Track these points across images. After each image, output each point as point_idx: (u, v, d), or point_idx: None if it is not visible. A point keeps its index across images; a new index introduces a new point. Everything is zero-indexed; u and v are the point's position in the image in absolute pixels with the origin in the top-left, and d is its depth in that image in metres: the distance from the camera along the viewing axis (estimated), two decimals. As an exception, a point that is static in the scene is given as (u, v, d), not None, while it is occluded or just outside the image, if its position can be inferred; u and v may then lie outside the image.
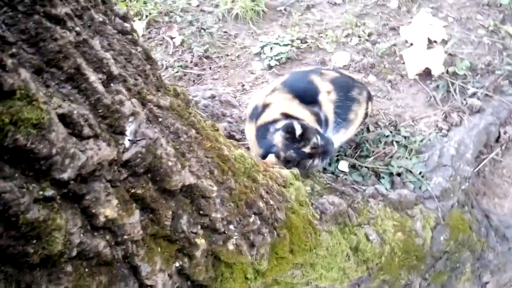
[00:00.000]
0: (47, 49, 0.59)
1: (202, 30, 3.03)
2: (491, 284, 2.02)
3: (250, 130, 1.88)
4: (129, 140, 0.76)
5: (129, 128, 0.76)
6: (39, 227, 0.57)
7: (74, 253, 0.66)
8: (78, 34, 0.68)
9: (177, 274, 1.00)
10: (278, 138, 1.61)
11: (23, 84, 0.54)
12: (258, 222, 1.28)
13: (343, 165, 2.11)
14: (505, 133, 2.36)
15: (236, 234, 1.21)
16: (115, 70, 0.74)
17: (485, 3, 3.04)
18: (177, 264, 0.98)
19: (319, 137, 1.62)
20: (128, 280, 0.82)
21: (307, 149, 1.59)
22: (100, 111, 0.70)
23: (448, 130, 2.32)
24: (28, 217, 0.54)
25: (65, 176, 0.58)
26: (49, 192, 0.57)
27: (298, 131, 1.55)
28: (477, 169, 2.23)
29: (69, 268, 0.66)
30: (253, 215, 1.28)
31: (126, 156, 0.74)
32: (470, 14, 2.99)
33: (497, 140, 2.37)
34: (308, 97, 1.88)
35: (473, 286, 1.98)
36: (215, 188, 1.07)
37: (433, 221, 1.90)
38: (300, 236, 1.53)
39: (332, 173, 2.08)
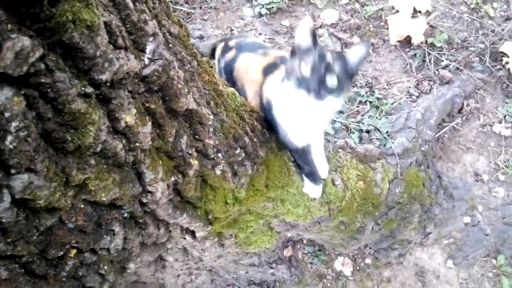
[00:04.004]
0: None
1: (196, -32, 2.96)
2: (433, 235, 2.30)
3: None
4: (148, 58, 0.84)
5: (149, 47, 0.83)
6: (79, 118, 0.66)
7: (98, 149, 0.76)
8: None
9: (171, 188, 1.12)
10: None
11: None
12: (243, 155, 1.41)
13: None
14: (467, 105, 2.57)
15: (223, 162, 1.33)
16: (140, -11, 0.81)
17: (471, -20, 3.15)
18: (173, 179, 1.10)
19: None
20: (135, 183, 0.93)
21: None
22: (128, 26, 0.77)
23: (417, 97, 2.50)
24: (73, 107, 0.63)
25: (103, 77, 0.67)
26: (89, 89, 0.66)
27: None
28: (437, 134, 2.45)
29: (92, 161, 0.76)
30: (238, 148, 1.40)
31: (145, 72, 0.83)
32: (456, -11, 3.10)
33: (459, 111, 2.58)
34: None
35: (418, 234, 2.26)
36: (211, 116, 1.18)
37: (392, 175, 2.12)
38: (276, 174, 1.69)
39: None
